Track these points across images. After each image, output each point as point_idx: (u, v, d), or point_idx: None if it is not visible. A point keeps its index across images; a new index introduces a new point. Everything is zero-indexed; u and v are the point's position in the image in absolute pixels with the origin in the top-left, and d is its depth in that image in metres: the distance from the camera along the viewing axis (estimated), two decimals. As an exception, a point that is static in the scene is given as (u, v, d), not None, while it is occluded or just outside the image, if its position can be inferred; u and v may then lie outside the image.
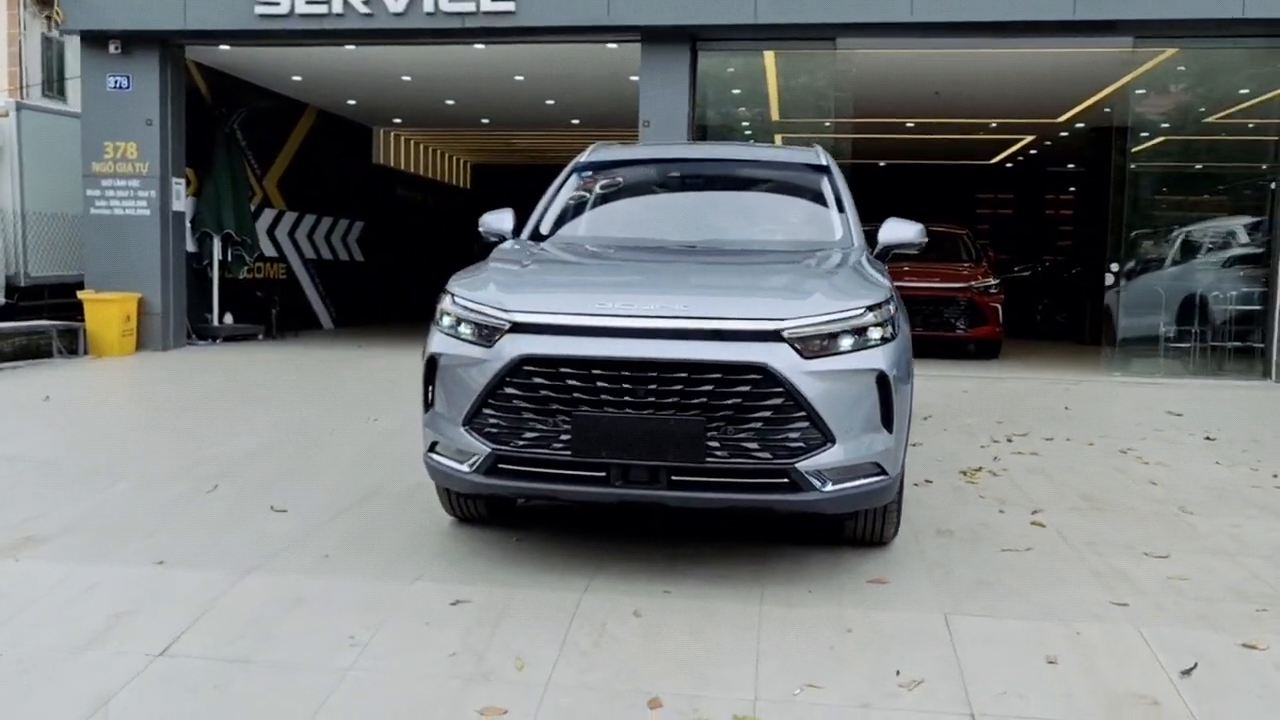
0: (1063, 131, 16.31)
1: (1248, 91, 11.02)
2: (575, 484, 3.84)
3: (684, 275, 4.26)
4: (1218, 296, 10.66)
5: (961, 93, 13.15)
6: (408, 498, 5.19)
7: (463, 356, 3.98)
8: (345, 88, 14.39)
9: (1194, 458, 6.46)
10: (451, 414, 4.00)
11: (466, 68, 12.63)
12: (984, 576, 4.13)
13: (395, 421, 7.27)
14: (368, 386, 9.10)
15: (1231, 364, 10.57)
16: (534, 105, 15.04)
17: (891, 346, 3.96)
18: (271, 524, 4.72)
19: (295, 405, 7.95)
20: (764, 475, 3.76)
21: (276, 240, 14.99)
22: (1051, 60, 11.44)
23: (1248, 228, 11.09)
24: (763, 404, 3.71)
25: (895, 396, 3.92)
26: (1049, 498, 5.38)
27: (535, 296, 4.01)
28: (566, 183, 5.53)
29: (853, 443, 3.81)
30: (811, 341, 3.79)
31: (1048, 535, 4.71)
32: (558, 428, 3.79)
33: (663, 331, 3.76)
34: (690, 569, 4.16)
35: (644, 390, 3.71)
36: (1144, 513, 5.13)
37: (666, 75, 10.16)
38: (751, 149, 5.93)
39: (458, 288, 4.21)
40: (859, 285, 4.11)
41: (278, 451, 6.24)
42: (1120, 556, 4.41)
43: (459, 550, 4.38)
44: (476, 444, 3.90)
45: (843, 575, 4.14)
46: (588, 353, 3.75)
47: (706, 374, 3.69)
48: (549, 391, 3.79)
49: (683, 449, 3.70)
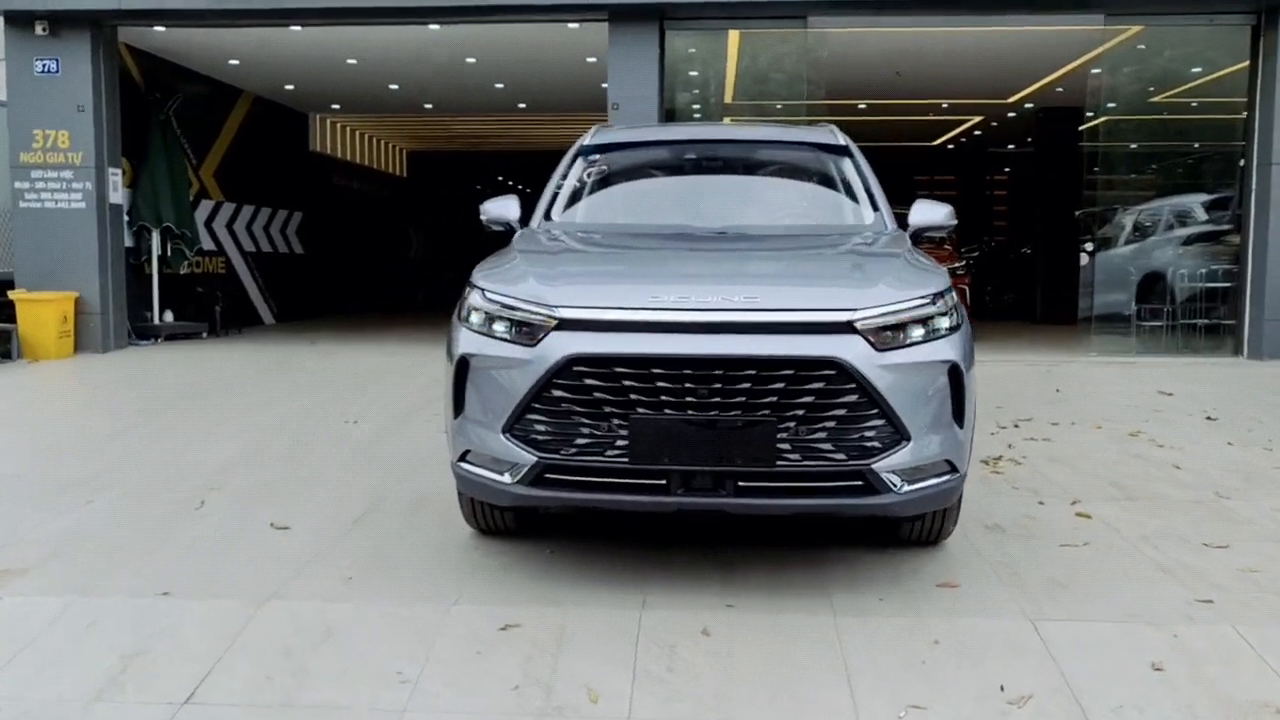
0: (1011, 112, 16.37)
1: (1206, 69, 11.08)
2: (633, 493, 3.54)
3: (736, 263, 3.97)
4: (1185, 274, 10.72)
5: (921, 73, 13.06)
6: (416, 509, 4.82)
7: (500, 358, 3.64)
8: (285, 72, 13.77)
9: (1204, 439, 6.38)
10: (488, 420, 3.66)
11: (418, 49, 12.15)
12: (1054, 576, 3.93)
13: (375, 424, 6.87)
14: (334, 385, 8.64)
15: (1202, 341, 10.63)
16: (482, 89, 14.59)
17: (959, 336, 3.73)
18: (276, 542, 4.32)
19: (263, 408, 7.48)
20: (837, 478, 3.50)
21: (215, 233, 14.32)
22: (1014, 39, 11.37)
23: (1213, 204, 11.17)
24: (837, 401, 3.45)
25: (966, 389, 3.70)
26: (1081, 487, 5.22)
27: (581, 289, 3.68)
28: (573, 167, 5.19)
29: (926, 440, 3.57)
30: (884, 333, 3.53)
31: (1098, 528, 4.54)
32: (613, 432, 3.47)
33: (726, 325, 3.47)
34: (745, 577, 3.89)
35: (708, 390, 3.42)
36: (1181, 500, 4.99)
37: (635, 55, 9.83)
38: (766, 129, 5.66)
39: (488, 282, 3.86)
40: (918, 273, 3.87)
41: (259, 460, 5.81)
42: (1180, 549, 4.25)
43: (491, 567, 4.04)
44: (520, 452, 3.57)
45: (907, 579, 3.90)
46: (646, 350, 3.44)
47: (777, 370, 3.41)
48: (602, 393, 3.47)
49: (752, 453, 3.42)
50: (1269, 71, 9.71)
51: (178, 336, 12.17)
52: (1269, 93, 9.71)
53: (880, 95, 14.65)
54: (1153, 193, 12.05)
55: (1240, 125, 10.32)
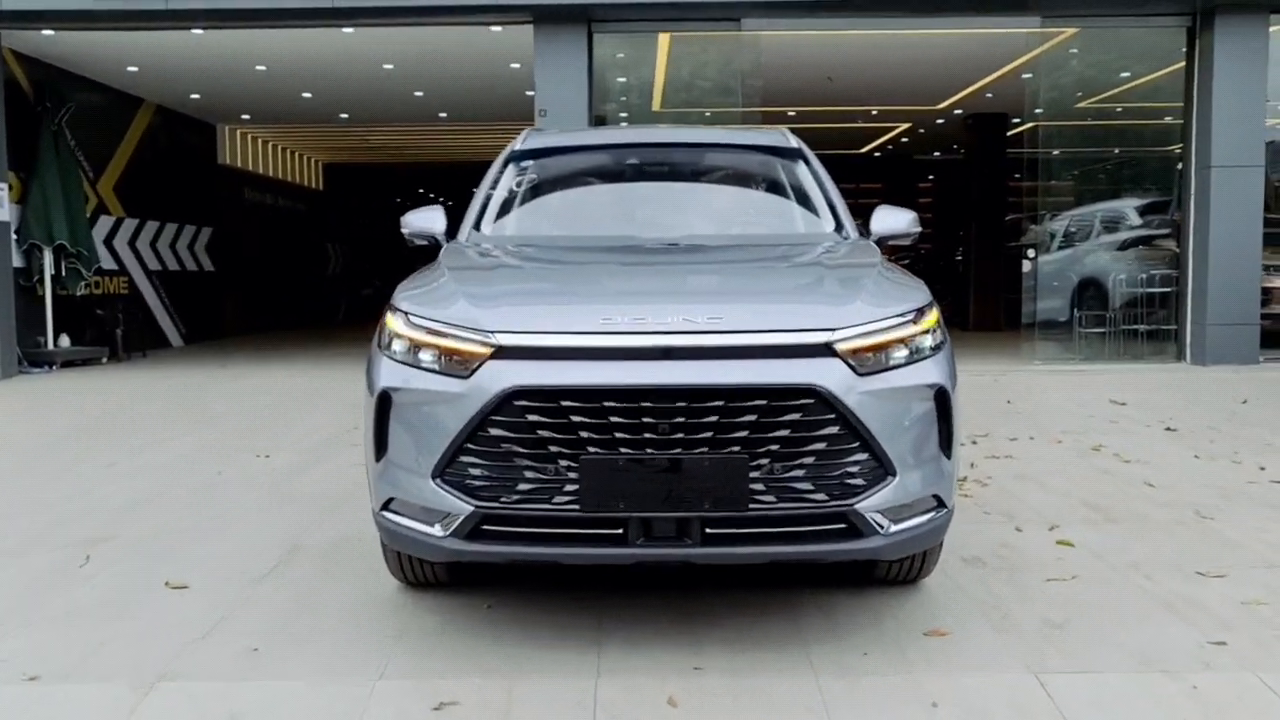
0: (939, 119, 16.29)
1: (1139, 72, 11.02)
2: (585, 545, 3.07)
3: (695, 279, 3.54)
4: (1123, 280, 10.61)
5: (853, 79, 12.84)
6: (335, 556, 4.30)
7: (428, 391, 3.16)
8: (189, 80, 13.02)
9: (1168, 452, 6.14)
10: (415, 464, 3.17)
11: (331, 55, 11.53)
12: (1048, 616, 3.56)
13: (290, 456, 6.30)
14: (246, 414, 8.01)
15: (1144, 347, 10.52)
16: (401, 97, 14.00)
17: (944, 356, 3.36)
18: (172, 605, 3.76)
19: (166, 441, 6.85)
20: (817, 521, 3.08)
21: (116, 251, 13.49)
22: (948, 43, 11.19)
23: (1146, 209, 11.10)
24: (816, 434, 3.03)
25: (953, 415, 3.32)
26: (1055, 509, 4.90)
27: (521, 311, 3.22)
28: (504, 174, 4.72)
29: (913, 473, 3.18)
30: (865, 355, 3.14)
31: (1082, 557, 4.20)
32: (560, 476, 3.01)
33: (688, 350, 3.04)
34: (711, 630, 3.45)
35: (669, 425, 2.98)
36: (1163, 521, 4.70)
37: (562, 59, 9.38)
38: (713, 132, 5.27)
39: (412, 304, 3.38)
40: (897, 287, 3.48)
41: (159, 502, 5.21)
42: (1175, 579, 3.92)
43: (421, 628, 3.53)
44: (453, 500, 3.09)
45: (890, 626, 3.50)
46: (597, 380, 2.99)
47: (748, 401, 2.99)
48: (547, 431, 3.01)
49: (722, 495, 2.98)
50: (1205, 74, 9.64)
51: (75, 363, 11.35)
52: (1205, 95, 9.64)
53: (811, 102, 14.41)
54: (1086, 198, 11.97)
55: (1174, 129, 10.26)
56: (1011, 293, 15.32)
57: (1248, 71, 9.52)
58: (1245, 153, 9.56)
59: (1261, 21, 9.56)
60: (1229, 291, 9.56)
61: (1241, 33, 9.47)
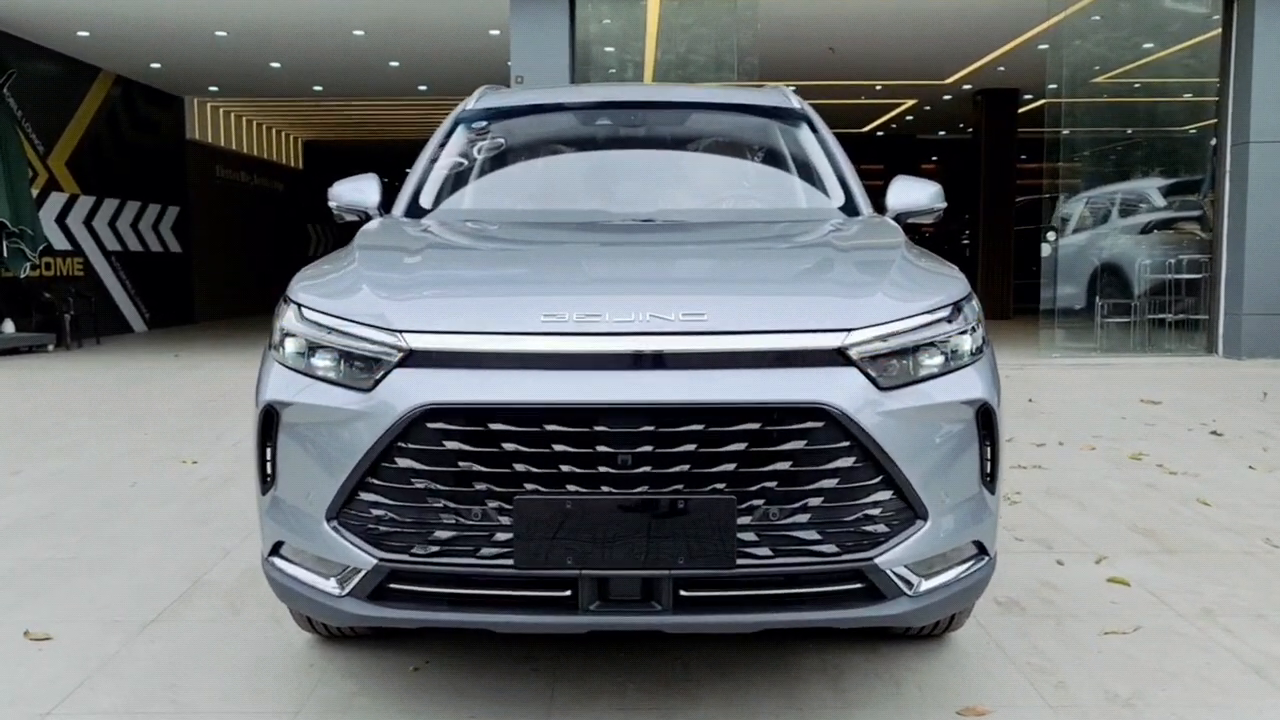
0: (946, 95, 15.51)
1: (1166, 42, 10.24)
2: (521, 610, 2.34)
3: (669, 263, 2.81)
4: (1148, 265, 9.85)
5: (856, 50, 12.06)
6: (240, 595, 3.58)
7: (320, 407, 2.43)
8: (146, 47, 12.19)
9: (1218, 462, 5.42)
10: (306, 501, 2.45)
11: (294, 20, 10.73)
12: (1111, 686, 2.84)
13: (220, 465, 5.56)
14: (185, 411, 7.27)
15: (1171, 338, 9.79)
16: (376, 68, 13.19)
17: (986, 363, 2.63)
18: (25, 664, 3.03)
19: (87, 443, 6.11)
20: (825, 581, 2.35)
21: (69, 230, 12.69)
22: (958, 9, 10.41)
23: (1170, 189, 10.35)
24: (825, 467, 2.30)
25: (999, 437, 2.59)
26: (1100, 535, 4.18)
27: (441, 304, 2.48)
28: (451, 138, 3.97)
29: (948, 516, 2.45)
30: (888, 362, 2.40)
31: (1142, 600, 3.48)
32: (490, 521, 2.28)
33: (659, 357, 2.31)
34: (686, 704, 2.73)
35: (631, 456, 2.25)
36: (1230, 552, 3.98)
37: (541, 22, 8.59)
38: (701, 90, 4.51)
39: (307, 294, 2.64)
40: (927, 275, 2.75)
41: (51, 524, 4.48)
42: (1259, 633, 3.20)
43: (328, 698, 2.80)
44: (351, 551, 2.37)
45: (913, 698, 2.78)
46: (538, 397, 2.26)
47: (738, 424, 2.25)
48: (473, 462, 2.27)
49: (701, 547, 2.26)
50: (1244, 43, 8.86)
51: (17, 351, 10.58)
52: (1244, 67, 8.86)
53: (810, 76, 13.60)
54: (1107, 178, 11.19)
55: (1203, 106, 9.49)
56: (1020, 278, 14.61)
57: (1290, 38, 8.72)
58: (1287, 127, 8.78)
59: (1305, -16, 8.77)
60: (1267, 278, 8.78)
61: (1284, -2, 8.69)
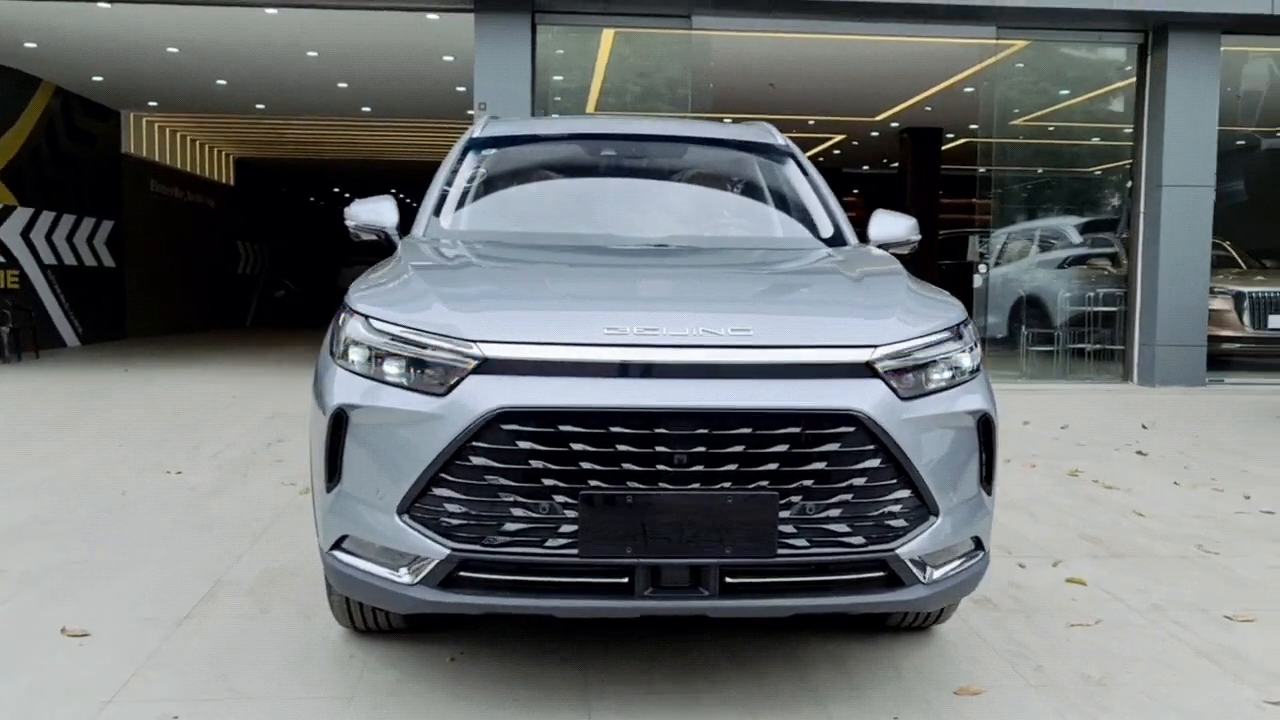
0: (874, 131, 16.15)
1: (1086, 88, 10.93)
2: (583, 596, 2.59)
3: (710, 285, 3.09)
4: (1069, 299, 10.48)
5: (795, 87, 12.56)
6: (264, 594, 3.73)
7: (394, 410, 2.65)
8: (93, 61, 12.11)
9: (1146, 478, 5.89)
10: (377, 496, 2.66)
11: (252, 39, 10.80)
12: (1084, 670, 3.19)
13: (205, 474, 5.66)
14: (155, 424, 7.30)
15: (1090, 367, 10.41)
16: (323, 88, 13.28)
17: (983, 379, 2.97)
18: (70, 658, 3.16)
19: (64, 454, 6.13)
20: (853, 569, 2.65)
21: (5, 243, 12.47)
22: (892, 54, 10.99)
23: (1086, 227, 11.02)
24: (855, 467, 2.60)
25: (995, 444, 2.94)
26: (1052, 541, 4.58)
27: (510, 317, 2.72)
28: (463, 163, 4.21)
29: (954, 513, 2.78)
30: (906, 376, 2.72)
31: (1099, 598, 3.86)
32: (556, 514, 2.53)
33: (711, 367, 2.59)
34: (711, 689, 2.99)
35: (687, 455, 2.52)
36: (1167, 556, 4.40)
37: (505, 50, 8.84)
38: (696, 125, 4.81)
39: (371, 305, 2.85)
40: (931, 301, 3.08)
41: (53, 528, 4.56)
42: (1203, 624, 3.60)
43: (376, 685, 3.00)
44: (424, 542, 2.58)
45: (913, 681, 3.09)
46: (604, 402, 2.51)
47: (781, 428, 2.54)
48: (542, 461, 2.52)
49: (746, 538, 2.54)
50: (1157, 92, 9.55)
51: (-42, 363, 10.41)
52: (1157, 114, 9.55)
53: (749, 110, 14.06)
54: (1027, 215, 11.85)
55: (1118, 149, 10.17)
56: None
57: (1200, 91, 9.46)
58: (1196, 172, 9.50)
59: (1214, 40, 9.51)
60: (1178, 312, 9.48)
61: (1194, 51, 9.42)
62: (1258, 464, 6.41)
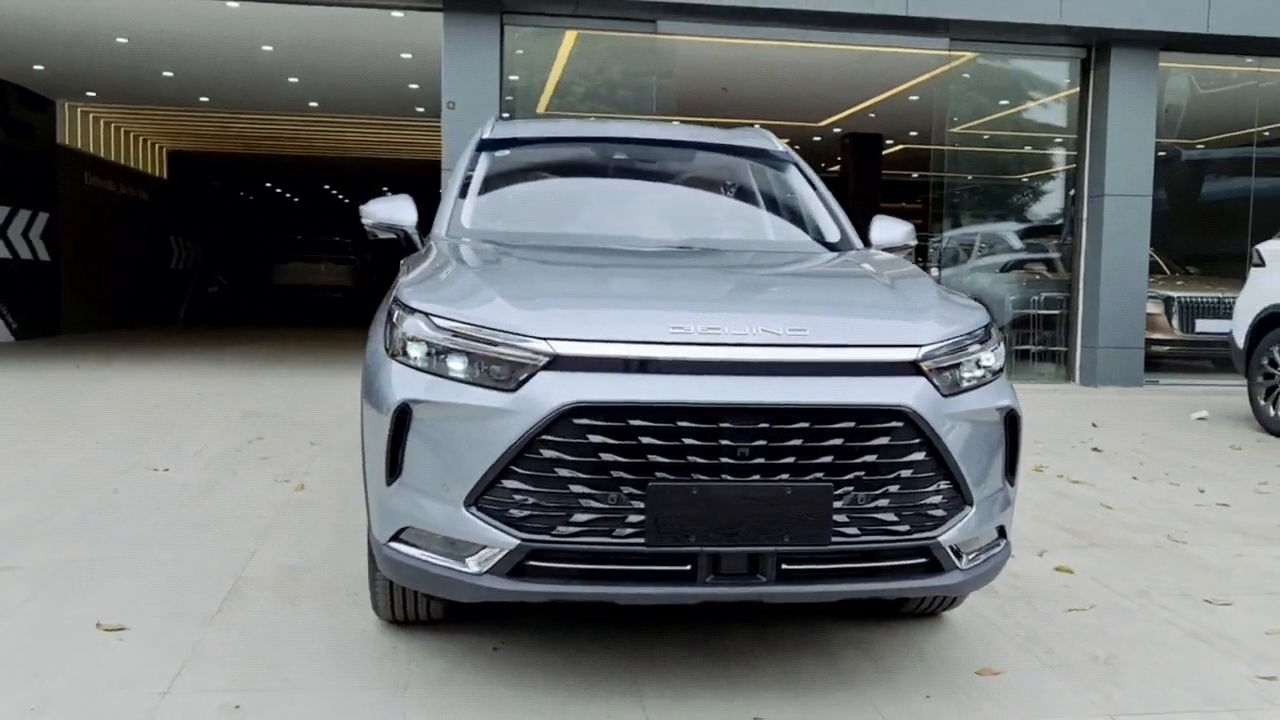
0: (817, 136, 16.48)
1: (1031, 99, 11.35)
2: (648, 583, 2.71)
3: (762, 286, 3.23)
4: (1013, 302, 10.88)
5: (746, 91, 12.77)
6: (288, 590, 3.77)
7: (461, 406, 2.73)
8: (33, 48, 11.80)
9: (1106, 473, 6.20)
10: (442, 489, 2.74)
11: (208, 32, 10.65)
12: (1091, 651, 3.41)
13: (193, 471, 5.64)
14: (129, 421, 7.20)
15: (1032, 368, 10.83)
16: (273, 82, 13.12)
17: (1005, 377, 3.17)
18: (115, 650, 3.18)
19: (44, 452, 6.04)
20: (899, 555, 2.82)
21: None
22: (843, 61, 11.28)
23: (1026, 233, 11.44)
24: (903, 459, 2.77)
25: (1020, 439, 3.13)
26: (1034, 533, 4.82)
27: (578, 315, 2.83)
28: (477, 164, 4.29)
29: (984, 504, 2.97)
30: (945, 374, 2.90)
31: (1089, 585, 4.09)
32: (624, 505, 2.64)
33: (771, 365, 2.73)
34: (750, 674, 3.13)
35: (749, 449, 2.66)
36: (1144, 545, 4.67)
37: (474, 49, 8.89)
38: (699, 130, 4.95)
39: (431, 303, 2.93)
40: (957, 304, 3.27)
41: (51, 524, 4.52)
42: (1187, 607, 3.85)
43: (426, 675, 3.08)
44: (492, 533, 2.68)
45: (937, 664, 3.28)
46: (671, 397, 2.64)
47: (836, 422, 2.69)
48: (611, 454, 2.63)
49: (803, 527, 2.68)
50: (1099, 105, 9.97)
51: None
52: (1099, 126, 9.97)
53: (698, 112, 14.23)
54: (971, 219, 12.25)
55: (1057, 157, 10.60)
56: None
57: (1139, 104, 9.92)
58: (1136, 182, 9.96)
59: (1153, 56, 9.99)
60: (1118, 316, 9.93)
61: (1134, 66, 9.87)
62: (1204, 460, 6.77)
